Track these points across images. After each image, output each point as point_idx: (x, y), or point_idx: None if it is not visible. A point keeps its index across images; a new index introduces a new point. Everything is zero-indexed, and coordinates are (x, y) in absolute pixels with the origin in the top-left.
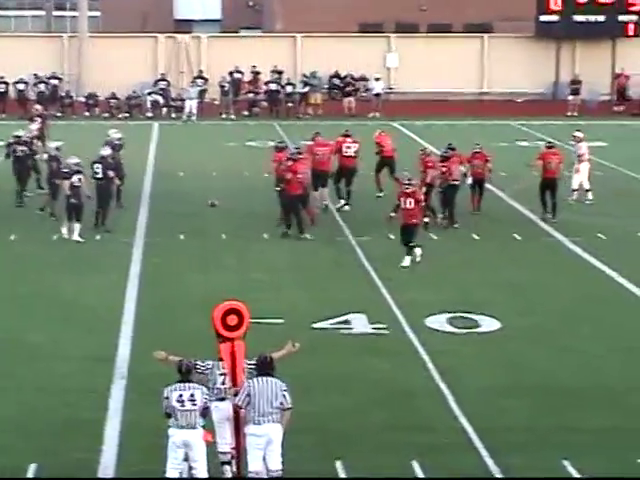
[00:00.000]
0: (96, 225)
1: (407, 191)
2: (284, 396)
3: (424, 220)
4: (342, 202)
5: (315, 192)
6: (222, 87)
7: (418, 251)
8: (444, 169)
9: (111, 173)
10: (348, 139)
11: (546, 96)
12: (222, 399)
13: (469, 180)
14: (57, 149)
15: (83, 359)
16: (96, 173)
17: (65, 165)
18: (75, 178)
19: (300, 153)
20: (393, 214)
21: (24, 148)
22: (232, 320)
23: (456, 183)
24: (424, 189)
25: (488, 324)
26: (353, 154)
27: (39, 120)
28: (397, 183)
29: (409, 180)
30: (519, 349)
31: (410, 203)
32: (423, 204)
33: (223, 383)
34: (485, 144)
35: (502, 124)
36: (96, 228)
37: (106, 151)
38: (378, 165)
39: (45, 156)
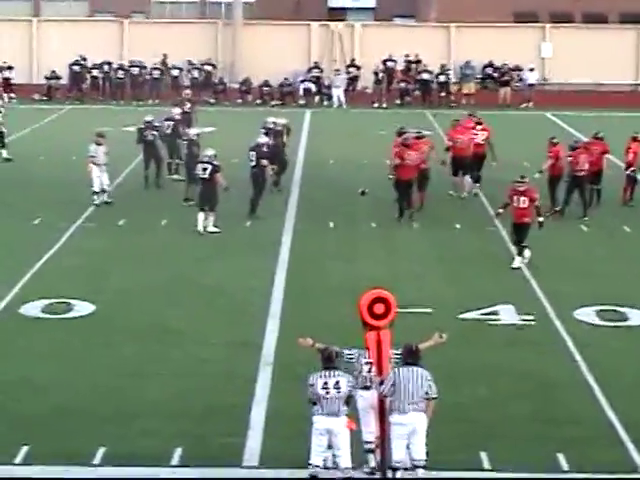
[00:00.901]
0: (252, 212)
1: (520, 189)
2: (429, 386)
3: (539, 219)
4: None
5: (455, 178)
6: (376, 75)
7: (527, 253)
8: (571, 159)
9: (264, 161)
10: (478, 126)
11: None
12: (367, 388)
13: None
14: (197, 135)
15: (229, 345)
16: (251, 160)
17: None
18: (200, 168)
19: (419, 138)
20: (501, 210)
21: (155, 132)
22: (379, 309)
23: (580, 174)
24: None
25: (637, 317)
26: (482, 141)
27: (188, 105)
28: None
29: (522, 177)
30: None
31: (524, 202)
32: (537, 203)
33: (369, 371)
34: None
35: None
36: (251, 214)
37: (262, 139)
38: None
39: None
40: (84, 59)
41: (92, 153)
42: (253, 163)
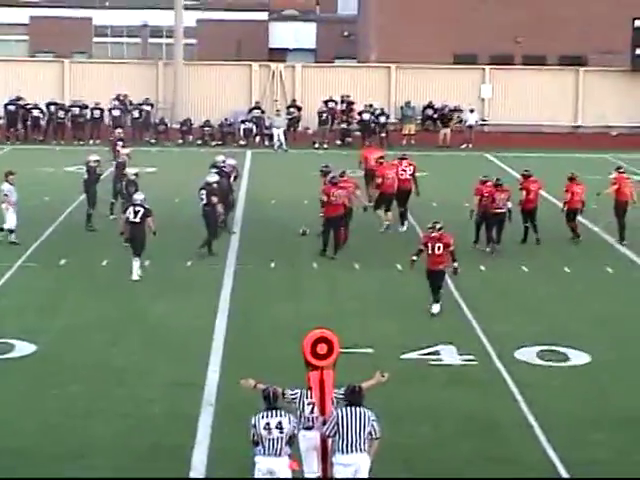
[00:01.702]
0: (210, 252)
1: (434, 235)
2: (373, 426)
3: (454, 265)
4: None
5: (380, 212)
6: (320, 116)
7: (436, 307)
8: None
9: (214, 199)
10: (404, 162)
11: None
12: (310, 428)
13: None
14: (136, 175)
15: (171, 384)
16: (201, 199)
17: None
18: (131, 211)
19: (342, 176)
20: (415, 258)
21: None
22: (322, 349)
23: (498, 212)
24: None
25: (577, 357)
26: (408, 177)
27: (121, 144)
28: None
29: (435, 223)
30: (609, 383)
31: (438, 249)
32: (452, 248)
33: (312, 412)
34: (579, 177)
35: (596, 157)
36: (210, 253)
37: (212, 177)
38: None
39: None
40: (18, 99)
41: (6, 192)
42: (204, 201)
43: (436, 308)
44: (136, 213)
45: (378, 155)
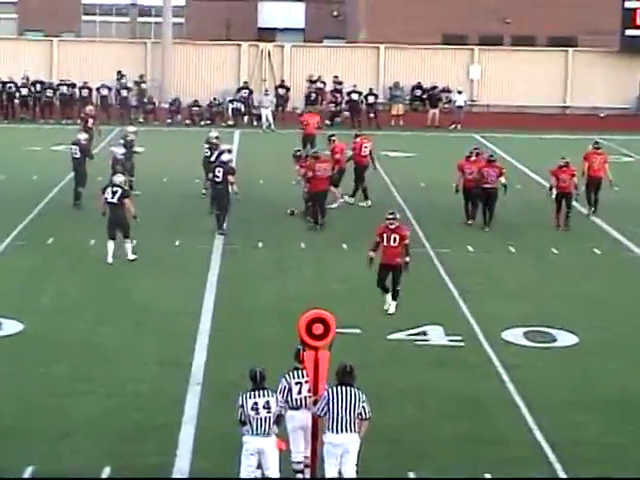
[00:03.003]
0: (219, 227)
1: (391, 226)
2: (363, 407)
3: (406, 259)
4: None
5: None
6: (307, 97)
7: (393, 306)
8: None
9: (231, 178)
10: (365, 139)
11: (630, 111)
12: (297, 408)
13: (554, 194)
14: (123, 154)
15: (158, 364)
16: (216, 177)
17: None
18: (109, 192)
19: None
20: (372, 254)
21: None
22: (318, 329)
23: (487, 187)
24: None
25: (565, 338)
26: (367, 153)
27: (92, 121)
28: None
29: (391, 213)
30: (595, 364)
31: (394, 240)
32: (407, 241)
33: (299, 392)
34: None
35: (584, 139)
36: (219, 230)
37: (226, 156)
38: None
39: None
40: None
41: None
42: (219, 179)
43: (393, 307)
44: (114, 194)
45: (317, 120)
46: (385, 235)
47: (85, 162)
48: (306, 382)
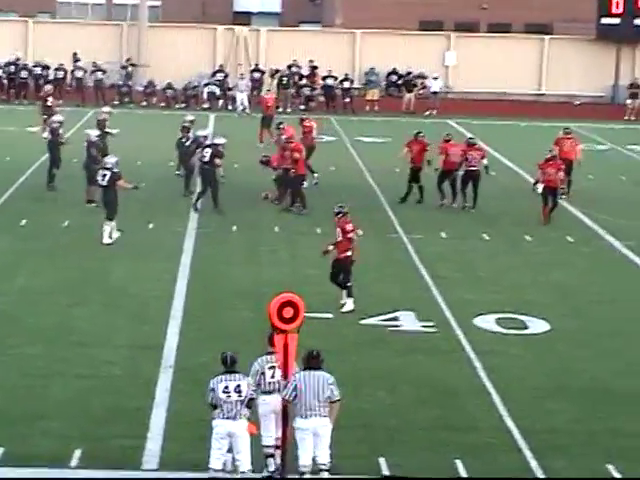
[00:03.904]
0: (195, 208)
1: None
2: (331, 390)
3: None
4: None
5: None
6: (281, 81)
7: (350, 304)
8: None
9: (218, 161)
10: (313, 122)
11: (604, 99)
12: (270, 392)
13: (540, 188)
14: (98, 137)
15: (131, 347)
16: (203, 157)
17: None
18: (100, 175)
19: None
20: (331, 247)
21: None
22: (288, 312)
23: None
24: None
25: (536, 326)
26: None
27: (51, 99)
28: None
29: (340, 206)
30: (567, 351)
31: (338, 234)
32: (352, 235)
33: (272, 376)
34: (541, 146)
35: (559, 126)
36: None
37: (220, 139)
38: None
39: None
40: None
41: None
42: (205, 159)
43: (349, 304)
44: (104, 177)
45: (273, 98)
46: (338, 229)
47: (58, 145)
48: (279, 367)
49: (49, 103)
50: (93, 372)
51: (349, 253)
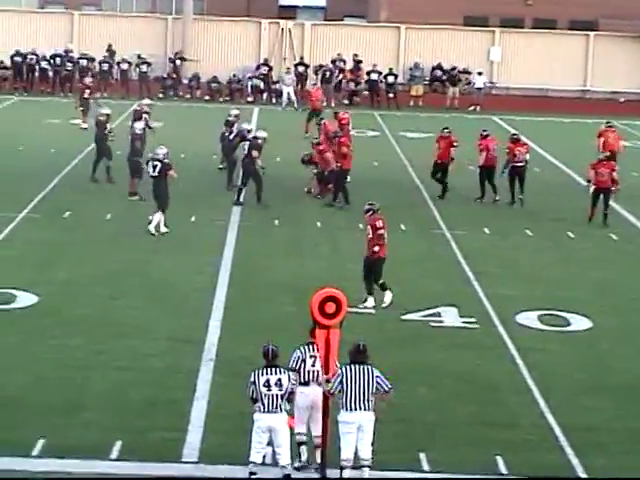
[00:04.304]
0: (237, 202)
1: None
2: (379, 382)
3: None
4: None
5: None
6: (324, 75)
7: (388, 296)
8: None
9: (255, 153)
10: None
11: None
12: (307, 383)
13: (591, 189)
14: (143, 129)
15: (172, 339)
16: (244, 150)
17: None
18: (150, 166)
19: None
20: (377, 248)
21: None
22: (330, 308)
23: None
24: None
25: (578, 323)
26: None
27: (88, 92)
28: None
29: (371, 204)
30: (608, 349)
31: (368, 232)
32: (382, 232)
33: (313, 365)
34: (585, 143)
35: (604, 123)
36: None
37: (261, 133)
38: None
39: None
40: (19, 53)
41: None
42: (246, 152)
43: (388, 297)
44: (154, 167)
45: (320, 92)
46: (368, 227)
47: (104, 138)
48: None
49: (86, 95)
50: (133, 364)
51: (376, 249)
